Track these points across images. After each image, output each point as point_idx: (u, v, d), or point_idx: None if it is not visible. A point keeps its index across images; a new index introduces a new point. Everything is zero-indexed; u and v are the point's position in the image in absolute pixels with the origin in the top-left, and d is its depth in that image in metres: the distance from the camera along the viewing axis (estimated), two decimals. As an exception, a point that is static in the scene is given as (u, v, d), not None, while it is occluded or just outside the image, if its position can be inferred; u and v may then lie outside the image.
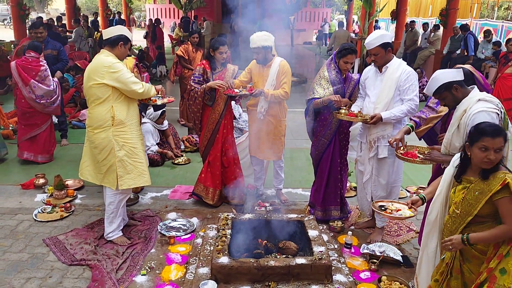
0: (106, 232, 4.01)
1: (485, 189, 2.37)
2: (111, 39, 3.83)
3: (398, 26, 15.23)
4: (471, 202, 2.42)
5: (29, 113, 5.86)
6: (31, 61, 5.71)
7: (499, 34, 16.02)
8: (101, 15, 17.06)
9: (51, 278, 3.47)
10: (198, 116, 4.65)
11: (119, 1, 34.41)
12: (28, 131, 5.90)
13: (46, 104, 5.84)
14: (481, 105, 2.82)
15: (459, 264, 2.54)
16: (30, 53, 5.74)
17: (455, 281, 2.55)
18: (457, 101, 2.97)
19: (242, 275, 3.26)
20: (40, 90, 5.73)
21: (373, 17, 13.55)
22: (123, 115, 3.81)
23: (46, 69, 5.80)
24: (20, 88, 5.73)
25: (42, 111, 5.88)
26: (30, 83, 5.66)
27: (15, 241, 4.00)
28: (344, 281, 3.38)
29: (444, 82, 2.95)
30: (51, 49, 6.50)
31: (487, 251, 2.44)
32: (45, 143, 6.02)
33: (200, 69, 4.61)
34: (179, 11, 19.30)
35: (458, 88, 2.94)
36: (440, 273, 2.65)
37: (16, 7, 10.95)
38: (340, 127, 4.22)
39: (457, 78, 2.96)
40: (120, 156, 3.81)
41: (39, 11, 31.22)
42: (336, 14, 40.47)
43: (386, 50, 3.75)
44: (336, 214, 4.41)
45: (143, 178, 3.96)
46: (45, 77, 5.79)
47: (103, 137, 3.78)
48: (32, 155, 5.97)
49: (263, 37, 4.40)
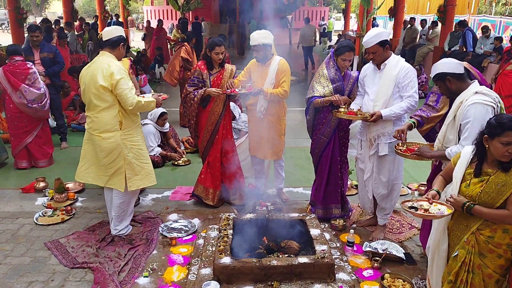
0: (117, 230, 4.08)
1: (509, 181, 2.36)
2: (111, 40, 3.82)
3: (396, 23, 15.22)
4: (493, 195, 2.40)
5: (18, 120, 5.77)
6: (17, 65, 5.62)
7: (497, 30, 16.00)
8: (99, 18, 17.04)
9: (53, 282, 3.47)
10: (194, 121, 4.65)
11: (116, 4, 34.40)
12: (21, 140, 5.83)
13: (38, 108, 5.74)
14: (477, 97, 2.84)
15: (478, 260, 2.51)
16: (14, 58, 5.63)
17: (478, 277, 2.52)
18: (451, 92, 3.03)
19: (244, 275, 3.25)
20: (32, 94, 5.63)
21: (371, 14, 13.55)
22: (130, 119, 3.85)
23: (35, 72, 5.72)
24: (10, 95, 5.63)
25: (34, 115, 5.79)
26: (21, 88, 5.57)
27: (17, 245, 4.00)
28: (347, 279, 3.37)
29: (439, 72, 3.03)
30: (47, 52, 6.50)
31: (502, 244, 2.43)
32: (41, 148, 5.99)
33: (196, 72, 4.60)
34: (177, 12, 19.28)
35: (451, 80, 2.99)
36: (455, 273, 2.59)
37: (13, 11, 10.93)
38: (340, 125, 4.21)
39: (455, 71, 3.00)
40: (129, 159, 3.87)
41: (36, 15, 31.18)
42: (334, 13, 40.47)
43: (384, 48, 3.73)
44: (337, 212, 4.40)
45: (150, 178, 4.10)
46: (35, 80, 5.71)
47: (112, 141, 3.79)
48: (33, 162, 5.96)
49: (264, 35, 4.41)
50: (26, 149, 5.90)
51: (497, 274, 2.49)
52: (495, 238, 2.45)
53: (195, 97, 4.50)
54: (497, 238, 2.45)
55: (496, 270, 2.49)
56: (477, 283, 2.53)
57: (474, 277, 2.53)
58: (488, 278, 2.50)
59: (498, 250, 2.45)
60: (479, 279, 2.52)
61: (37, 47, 6.45)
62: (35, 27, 6.67)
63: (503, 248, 2.45)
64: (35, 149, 5.94)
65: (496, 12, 24.24)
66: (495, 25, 16.27)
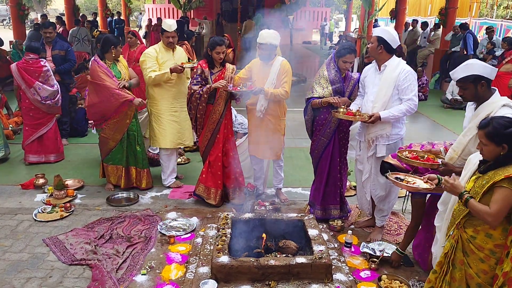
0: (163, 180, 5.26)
1: (491, 178, 2.37)
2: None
3: (397, 25, 15.22)
4: (477, 190, 2.42)
5: (34, 112, 5.85)
6: (31, 63, 5.70)
7: (499, 33, 16.02)
8: (100, 15, 17.04)
9: (52, 278, 3.47)
10: (201, 121, 4.66)
11: (118, 1, 34.37)
12: (34, 131, 5.89)
13: (51, 105, 5.86)
14: (505, 111, 2.71)
15: (461, 255, 2.52)
16: (29, 55, 5.72)
17: (459, 272, 2.53)
18: (476, 97, 2.86)
19: (242, 274, 3.26)
20: (45, 92, 5.73)
21: (372, 16, 13.56)
22: (153, 91, 5.07)
23: (48, 69, 5.80)
24: (24, 90, 5.73)
25: (47, 111, 5.91)
26: (35, 85, 5.66)
27: (15, 241, 4.01)
28: (344, 280, 3.38)
29: (476, 74, 2.81)
30: (59, 50, 6.49)
31: (485, 248, 2.44)
32: (53, 142, 6.05)
33: (198, 70, 4.62)
34: (178, 11, 19.28)
35: (484, 85, 2.83)
36: (439, 264, 2.63)
37: (15, 8, 10.95)
38: (340, 126, 4.22)
39: (490, 76, 2.85)
40: (151, 122, 5.23)
41: (38, 11, 31.17)
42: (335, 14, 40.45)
43: (379, 45, 3.76)
44: (335, 213, 4.41)
45: (162, 141, 5.18)
46: (48, 77, 5.78)
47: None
48: (43, 157, 6.00)
49: (273, 35, 4.41)
50: (38, 142, 5.93)
51: (480, 278, 2.47)
52: (477, 239, 2.46)
53: (201, 96, 4.52)
54: (479, 240, 2.45)
55: (478, 274, 2.47)
56: (458, 278, 2.53)
57: (455, 271, 2.54)
58: (469, 278, 2.51)
59: (480, 254, 2.45)
60: (460, 274, 2.52)
61: (50, 43, 6.45)
62: (49, 24, 6.68)
63: (485, 253, 2.44)
64: (48, 143, 5.98)
65: (498, 15, 24.25)
66: (496, 28, 16.28)
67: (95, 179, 5.36)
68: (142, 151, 5.09)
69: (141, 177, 5.13)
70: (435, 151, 3.24)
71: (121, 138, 4.94)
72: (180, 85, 5.05)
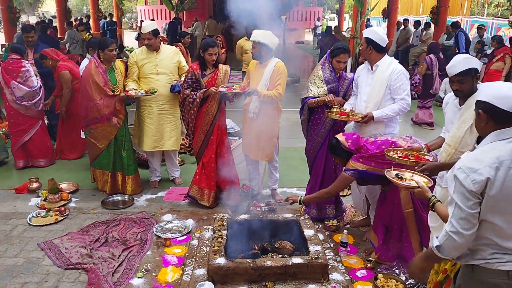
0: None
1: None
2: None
3: (390, 25, 15.31)
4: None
5: (14, 118, 5.78)
6: (12, 63, 5.64)
7: (490, 31, 16.17)
8: (92, 18, 16.97)
9: (47, 283, 3.46)
10: (193, 123, 4.66)
11: (110, 3, 34.24)
12: (18, 138, 5.82)
13: (28, 106, 5.71)
14: None
15: None
16: (12, 55, 5.68)
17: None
18: (469, 91, 2.89)
19: (239, 275, 3.26)
20: (20, 91, 5.61)
21: (364, 15, 13.61)
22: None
23: (28, 70, 5.69)
24: (4, 92, 5.68)
25: (25, 113, 5.77)
26: (11, 84, 5.58)
27: (10, 246, 3.98)
28: (340, 279, 3.39)
29: (475, 67, 2.86)
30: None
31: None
32: (40, 148, 5.97)
33: (189, 73, 4.59)
34: (171, 12, 19.25)
35: (478, 78, 2.90)
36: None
37: (6, 10, 10.88)
38: (335, 125, 4.23)
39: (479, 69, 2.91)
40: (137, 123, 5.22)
41: (29, 13, 31.00)
42: (328, 13, 40.55)
43: (368, 45, 3.79)
44: (331, 213, 4.43)
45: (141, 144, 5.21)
46: (27, 78, 5.67)
47: None
48: (30, 162, 5.94)
49: (263, 34, 4.41)
50: (23, 148, 5.88)
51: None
52: None
53: (194, 101, 4.51)
54: None
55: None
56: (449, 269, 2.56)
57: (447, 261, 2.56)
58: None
59: None
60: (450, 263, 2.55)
61: (32, 47, 6.43)
62: (30, 28, 6.66)
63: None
64: (33, 148, 5.92)
65: (489, 13, 24.44)
66: (487, 26, 16.42)
67: (89, 182, 5.32)
68: (128, 156, 5.02)
69: (125, 184, 5.07)
70: (417, 148, 3.25)
71: (108, 143, 4.90)
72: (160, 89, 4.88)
